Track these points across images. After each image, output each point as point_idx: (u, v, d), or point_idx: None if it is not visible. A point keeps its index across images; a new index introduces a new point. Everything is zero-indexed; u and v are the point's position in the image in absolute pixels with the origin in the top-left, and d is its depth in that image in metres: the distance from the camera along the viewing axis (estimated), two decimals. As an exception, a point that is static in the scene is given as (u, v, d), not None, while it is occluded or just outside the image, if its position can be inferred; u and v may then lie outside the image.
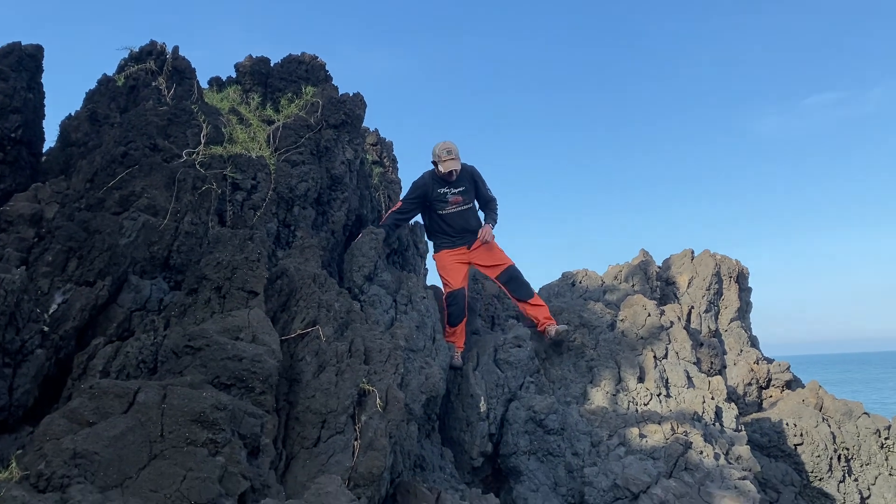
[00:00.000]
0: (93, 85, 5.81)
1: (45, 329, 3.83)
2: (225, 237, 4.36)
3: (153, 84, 5.60)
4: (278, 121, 6.07)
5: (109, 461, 2.90)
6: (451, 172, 6.71)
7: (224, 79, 7.03)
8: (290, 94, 6.48)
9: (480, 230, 6.90)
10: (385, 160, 8.14)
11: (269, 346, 3.73)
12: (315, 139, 6.02)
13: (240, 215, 5.15)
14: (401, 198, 7.22)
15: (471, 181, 7.00)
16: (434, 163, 6.86)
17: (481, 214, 7.26)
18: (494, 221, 7.08)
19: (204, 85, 6.61)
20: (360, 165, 7.00)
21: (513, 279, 7.07)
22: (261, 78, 6.74)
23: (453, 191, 6.89)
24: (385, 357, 4.57)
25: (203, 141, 5.25)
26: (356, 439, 3.80)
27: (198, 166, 4.99)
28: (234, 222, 5.10)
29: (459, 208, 6.96)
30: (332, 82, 6.79)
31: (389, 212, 7.03)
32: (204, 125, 5.35)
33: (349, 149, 6.39)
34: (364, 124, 7.87)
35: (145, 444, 3.03)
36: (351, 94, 6.58)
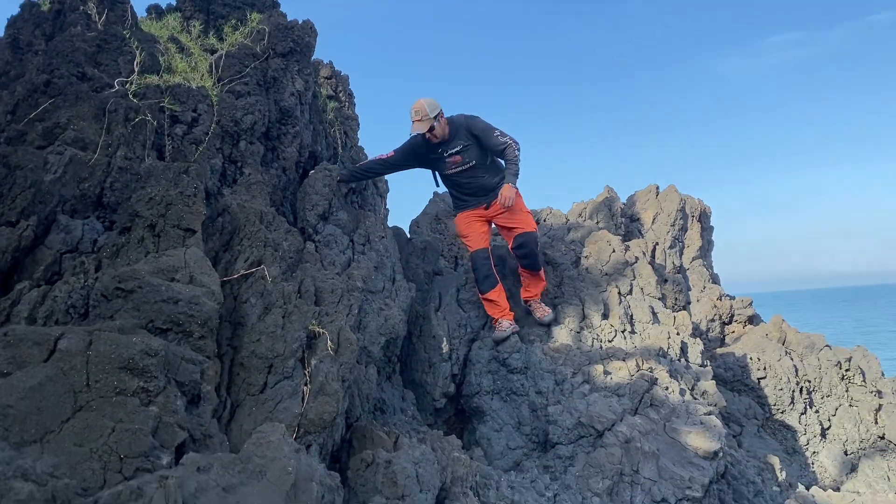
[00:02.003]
0: (15, 10, 5.34)
1: (-38, 273, 3.51)
2: (158, 171, 4.02)
3: (81, 9, 5.13)
4: (221, 49, 5.65)
5: (27, 414, 2.64)
6: (424, 136, 6.01)
7: (163, 6, 6.53)
8: (234, 21, 6.03)
9: (500, 192, 6.07)
10: (341, 94, 7.74)
11: (209, 287, 3.46)
12: (262, 69, 5.63)
13: (180, 150, 4.78)
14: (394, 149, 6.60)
15: (468, 136, 6.15)
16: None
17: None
18: (515, 174, 6.13)
19: (141, 14, 6.14)
20: (313, 99, 6.62)
21: (523, 245, 6.33)
22: (202, 4, 6.26)
23: (449, 151, 6.16)
24: (337, 298, 4.34)
25: (137, 69, 4.84)
26: (306, 384, 3.59)
27: (131, 96, 4.60)
28: (175, 158, 4.74)
29: (462, 167, 6.25)
30: (280, 9, 6.35)
31: (378, 157, 6.49)
32: (138, 52, 4.93)
33: (299, 80, 6.00)
34: (319, 57, 7.47)
35: (68, 394, 2.76)
36: (300, 21, 6.16)
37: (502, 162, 6.38)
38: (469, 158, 6.16)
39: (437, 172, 6.48)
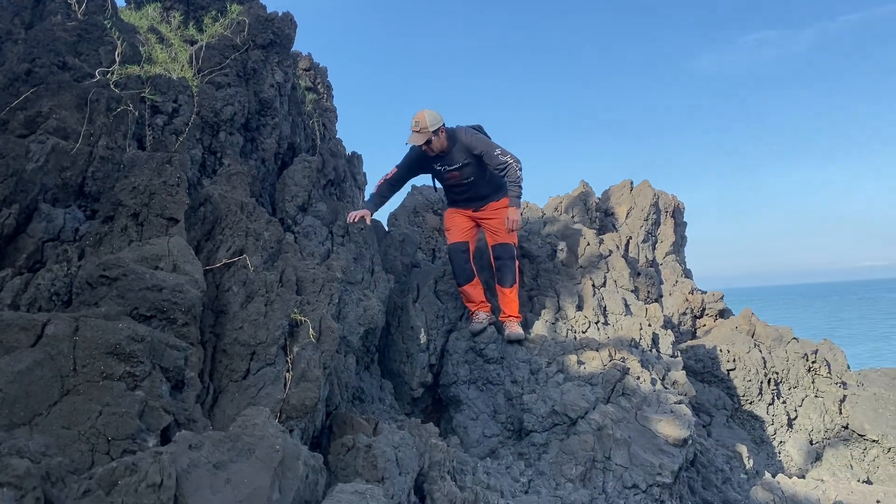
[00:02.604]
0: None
1: (-56, 261, 3.53)
2: (141, 160, 4.06)
3: (60, -3, 5.14)
4: (201, 41, 5.68)
5: (15, 398, 2.69)
6: (425, 149, 5.90)
7: (143, -3, 6.54)
8: (214, 13, 6.06)
9: (507, 216, 6.00)
10: (319, 86, 7.79)
11: (192, 275, 3.52)
12: (241, 60, 5.67)
13: (161, 140, 4.82)
14: (396, 164, 6.46)
15: (467, 154, 6.02)
16: None
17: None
18: (518, 196, 6.01)
19: (121, 3, 6.14)
20: (292, 91, 6.67)
21: (499, 256, 6.25)
22: (182, -5, 6.28)
23: (447, 167, 6.10)
24: (319, 287, 4.41)
25: (118, 60, 4.86)
26: (288, 371, 3.66)
27: (112, 86, 4.63)
28: (155, 148, 4.78)
29: (462, 181, 6.19)
30: (260, 1, 6.39)
31: (382, 179, 6.33)
32: (119, 43, 4.95)
33: (279, 71, 6.05)
34: (298, 49, 7.51)
35: (56, 378, 2.81)
36: (280, 13, 6.20)
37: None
38: (468, 175, 6.11)
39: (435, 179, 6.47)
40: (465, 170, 6.05)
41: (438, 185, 6.58)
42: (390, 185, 6.32)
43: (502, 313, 6.24)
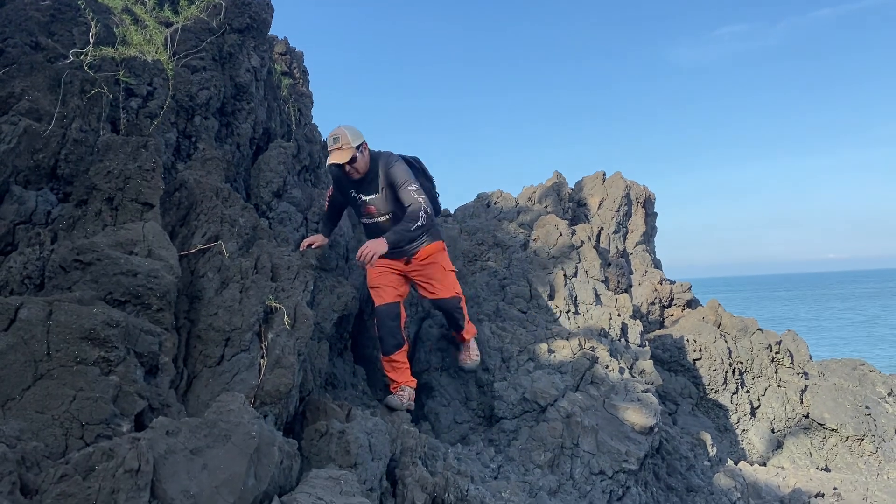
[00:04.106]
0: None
1: (-87, 242, 3.49)
2: (116, 144, 4.03)
3: (33, -24, 5.05)
4: (177, 23, 5.62)
5: (-12, 381, 2.69)
6: (344, 170, 5.01)
7: (117, -24, 6.43)
8: (189, -5, 6.00)
9: (365, 244, 4.80)
10: (295, 71, 7.75)
11: (167, 261, 3.52)
12: (217, 44, 5.63)
13: (135, 124, 4.78)
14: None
15: (384, 183, 5.10)
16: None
17: None
18: (398, 234, 4.91)
19: (93, -17, 6.04)
20: (268, 75, 6.63)
21: (444, 313, 5.72)
22: (157, -25, 6.20)
23: (363, 197, 5.16)
24: (294, 274, 4.43)
25: (92, 41, 4.80)
26: (262, 357, 3.69)
27: (86, 68, 4.57)
28: (130, 131, 4.74)
29: (375, 220, 5.21)
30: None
31: (326, 195, 5.70)
32: (93, 24, 4.88)
33: (255, 56, 6.01)
34: (274, 33, 7.45)
35: (29, 363, 2.82)
36: (257, -2, 6.15)
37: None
38: (385, 211, 5.15)
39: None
40: (382, 205, 5.12)
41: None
42: (331, 208, 5.62)
43: (462, 338, 5.81)
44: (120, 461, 2.12)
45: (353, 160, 4.93)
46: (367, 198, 5.14)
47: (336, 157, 4.88)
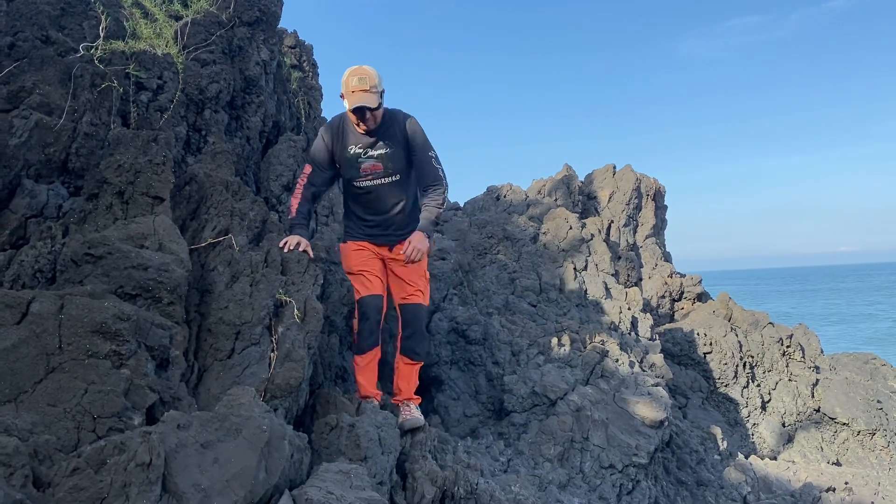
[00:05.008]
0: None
1: (-74, 236, 3.51)
2: (126, 138, 4.04)
3: (43, -31, 5.06)
4: (186, 16, 5.62)
5: (1, 375, 2.70)
6: (363, 116, 4.24)
7: (126, -31, 6.44)
8: (199, -12, 6.00)
9: (408, 240, 4.39)
10: (304, 64, 7.74)
11: (177, 254, 3.52)
12: (227, 37, 5.62)
13: (145, 117, 4.79)
14: (307, 159, 4.80)
15: (400, 139, 4.45)
16: (342, 98, 4.32)
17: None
18: (433, 222, 4.49)
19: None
20: (278, 68, 6.63)
21: (410, 321, 4.62)
22: (167, -31, 6.20)
23: (370, 151, 4.42)
24: (303, 268, 4.42)
25: (102, 35, 4.81)
26: (272, 351, 3.69)
27: (97, 62, 4.58)
28: (140, 125, 4.74)
29: (378, 181, 4.48)
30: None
31: (299, 181, 4.67)
32: (103, 17, 4.89)
33: (265, 49, 6.01)
34: (283, 26, 7.45)
35: (41, 356, 2.83)
36: (266, -10, 6.14)
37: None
38: (392, 170, 4.48)
39: (343, 178, 4.68)
40: (390, 160, 4.44)
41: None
42: (312, 189, 4.64)
43: (398, 394, 4.70)
44: (131, 455, 2.13)
45: (378, 106, 4.26)
46: (375, 153, 4.42)
47: (365, 99, 4.16)
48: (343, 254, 4.69)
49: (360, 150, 4.44)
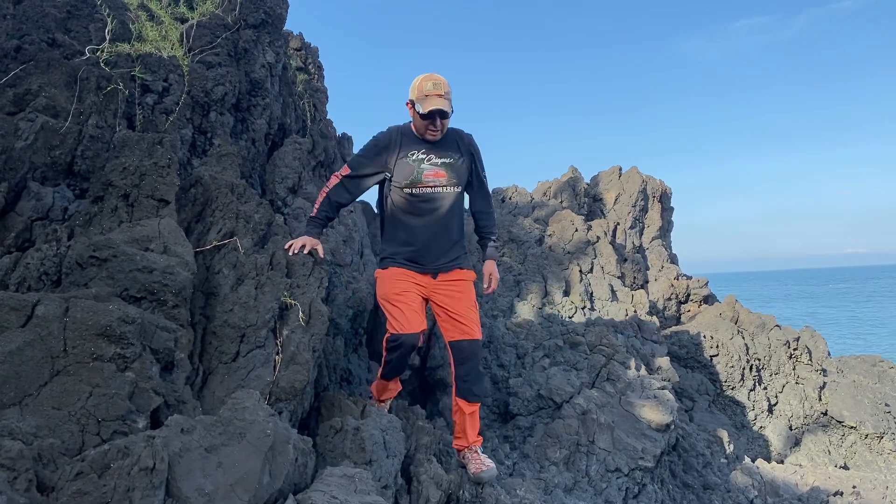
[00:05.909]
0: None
1: (-68, 239, 3.52)
2: (132, 141, 4.05)
3: (49, -28, 5.07)
4: (192, 19, 5.63)
5: (6, 378, 2.70)
6: (434, 120, 4.04)
7: (132, -28, 6.46)
8: (205, -9, 6.00)
9: (485, 267, 4.40)
10: (310, 67, 7.75)
11: (183, 257, 3.52)
12: (233, 40, 5.63)
13: (151, 120, 4.80)
14: (348, 160, 4.55)
15: (465, 152, 4.28)
16: (410, 104, 4.13)
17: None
18: (497, 248, 4.49)
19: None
20: (283, 71, 6.63)
21: (468, 359, 4.18)
22: (172, -29, 6.21)
23: (434, 159, 4.17)
24: (308, 271, 4.42)
25: (108, 37, 4.82)
26: (277, 353, 3.69)
27: (102, 65, 4.59)
28: (145, 127, 4.76)
29: (439, 189, 4.18)
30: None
31: (331, 180, 4.41)
32: (109, 20, 4.91)
33: (270, 51, 6.01)
34: (289, 28, 7.46)
35: (46, 359, 2.83)
36: (272, -8, 6.15)
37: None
38: (456, 181, 4.24)
39: (388, 192, 4.32)
40: (454, 170, 4.23)
41: (392, 196, 4.29)
42: (348, 190, 4.36)
43: (460, 438, 4.36)
44: (135, 459, 2.13)
45: (450, 114, 4.14)
46: (439, 160, 4.18)
47: (441, 104, 3.99)
48: (380, 279, 4.29)
49: (423, 156, 4.18)
